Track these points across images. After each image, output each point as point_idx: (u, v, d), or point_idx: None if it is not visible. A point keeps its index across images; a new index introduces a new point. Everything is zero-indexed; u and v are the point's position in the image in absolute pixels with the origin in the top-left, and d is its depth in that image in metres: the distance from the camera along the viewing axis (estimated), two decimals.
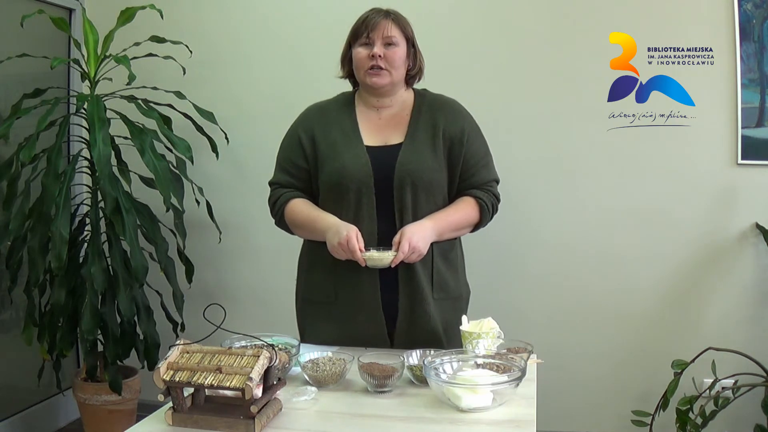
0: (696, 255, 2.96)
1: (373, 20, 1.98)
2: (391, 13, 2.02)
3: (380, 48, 1.96)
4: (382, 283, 1.96)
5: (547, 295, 3.09)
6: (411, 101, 2.07)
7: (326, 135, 2.02)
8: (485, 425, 1.47)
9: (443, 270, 2.03)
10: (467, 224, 2.05)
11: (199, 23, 3.29)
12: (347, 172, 1.95)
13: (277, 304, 3.28)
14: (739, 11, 2.80)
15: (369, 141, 2.01)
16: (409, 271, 1.96)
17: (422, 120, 2.02)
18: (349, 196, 1.95)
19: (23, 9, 2.85)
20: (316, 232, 1.98)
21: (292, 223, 2.05)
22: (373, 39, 1.96)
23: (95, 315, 2.79)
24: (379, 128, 2.04)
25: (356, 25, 2.02)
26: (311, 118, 2.08)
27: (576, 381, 3.06)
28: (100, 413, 3.00)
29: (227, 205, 3.27)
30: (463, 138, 2.02)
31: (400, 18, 2.03)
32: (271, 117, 3.27)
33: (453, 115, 2.05)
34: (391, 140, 2.01)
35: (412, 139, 2.00)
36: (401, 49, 1.99)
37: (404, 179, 1.95)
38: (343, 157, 1.97)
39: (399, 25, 2.00)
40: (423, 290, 1.97)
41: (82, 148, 3.10)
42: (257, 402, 1.41)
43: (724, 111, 2.87)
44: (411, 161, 1.96)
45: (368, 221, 1.94)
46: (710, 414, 2.63)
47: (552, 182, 3.04)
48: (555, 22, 2.99)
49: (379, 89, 2.01)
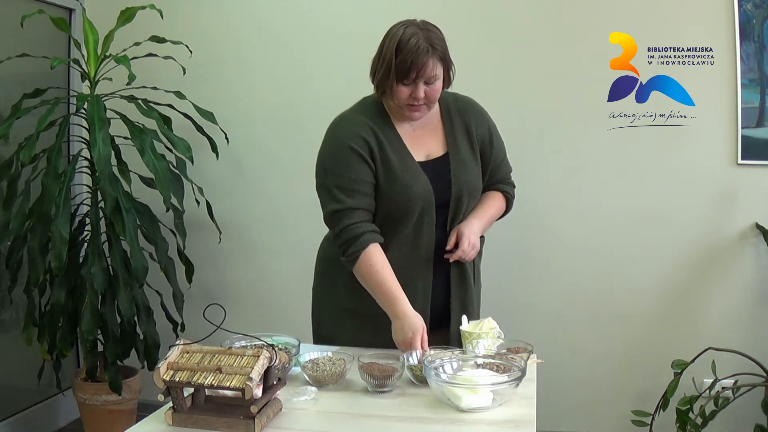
0: (696, 255, 2.96)
1: (418, 60, 1.81)
2: (434, 45, 1.84)
3: (422, 89, 1.86)
4: (434, 289, 1.99)
5: (547, 295, 3.09)
6: (437, 107, 2.03)
7: (379, 151, 1.92)
8: (485, 425, 1.47)
9: (478, 263, 2.13)
10: (499, 216, 2.14)
11: (199, 23, 3.29)
12: (413, 193, 1.91)
13: (277, 304, 3.30)
14: (739, 11, 2.80)
15: (415, 156, 1.96)
16: (462, 274, 2.03)
17: (456, 127, 2.02)
18: (413, 214, 1.93)
19: (23, 9, 2.85)
20: (384, 304, 1.87)
21: (362, 275, 1.89)
22: (417, 81, 1.85)
23: (95, 315, 2.79)
24: (418, 141, 1.99)
25: (400, 58, 1.81)
26: (359, 132, 1.91)
27: (576, 381, 3.06)
28: (100, 413, 3.00)
29: (227, 205, 3.27)
30: (492, 139, 2.06)
31: (441, 45, 1.87)
32: (271, 117, 3.29)
33: (480, 117, 2.07)
34: (434, 153, 1.99)
35: (456, 151, 1.99)
36: (440, 81, 1.89)
37: (461, 190, 1.97)
38: (404, 178, 1.92)
39: (440, 59, 1.86)
40: (471, 289, 2.05)
41: (82, 148, 3.10)
42: (257, 402, 1.41)
43: (724, 111, 2.87)
44: (463, 174, 1.98)
45: (427, 236, 1.96)
46: (710, 414, 2.63)
47: (552, 182, 3.04)
48: (555, 22, 2.99)
49: (417, 119, 1.97)
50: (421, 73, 1.83)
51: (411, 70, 1.82)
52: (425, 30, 1.86)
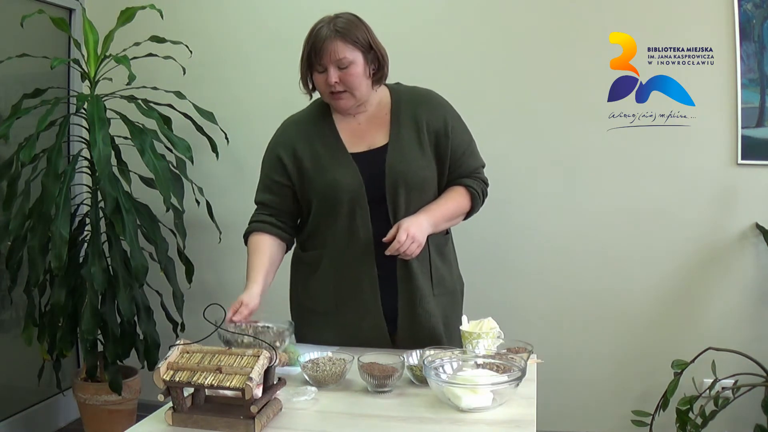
0: (696, 255, 2.96)
1: (320, 44, 1.86)
2: (338, 29, 1.86)
3: (334, 74, 1.87)
4: (382, 286, 1.95)
5: (547, 295, 3.09)
6: (387, 99, 2.02)
7: (309, 150, 1.97)
8: (485, 425, 1.47)
9: (440, 265, 2.03)
10: (460, 213, 2.04)
11: (199, 23, 3.29)
12: (339, 185, 1.92)
13: (277, 304, 3.29)
14: (739, 11, 2.80)
15: (353, 148, 1.96)
16: (407, 271, 1.95)
17: (403, 117, 1.98)
18: (342, 207, 1.92)
19: (23, 9, 2.85)
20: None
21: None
22: (325, 65, 1.87)
23: (95, 315, 2.79)
24: (360, 133, 1.99)
25: (306, 48, 1.90)
26: (290, 135, 2.02)
27: (576, 381, 3.06)
28: (100, 413, 3.00)
29: (227, 205, 3.26)
30: (447, 130, 1.98)
31: (348, 30, 1.87)
32: (271, 117, 3.24)
33: (433, 108, 2.01)
34: (376, 143, 1.97)
35: (397, 139, 1.96)
36: (357, 66, 1.88)
37: (396, 181, 1.92)
38: (331, 171, 1.93)
39: (348, 41, 1.86)
40: (422, 289, 1.97)
41: (82, 148, 3.10)
42: (257, 402, 1.41)
43: (724, 111, 2.87)
44: (400, 162, 1.93)
45: (363, 230, 1.93)
46: (710, 414, 2.63)
47: (552, 182, 3.04)
48: (555, 22, 2.99)
49: (348, 110, 1.98)
50: (327, 57, 1.86)
51: (317, 55, 1.87)
52: (335, 18, 1.91)
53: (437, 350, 1.73)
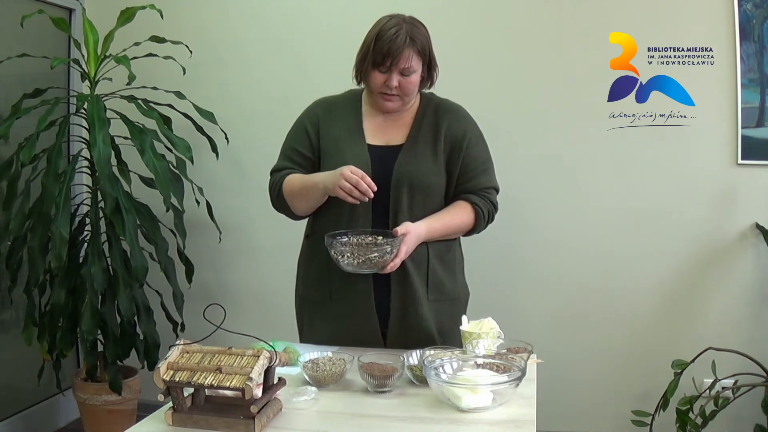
0: (696, 255, 2.96)
1: (396, 50, 1.88)
2: (413, 37, 1.91)
3: (396, 78, 1.92)
4: (375, 283, 1.96)
5: (547, 295, 3.09)
6: (417, 103, 2.06)
7: (330, 130, 2.02)
8: (485, 425, 1.47)
9: (439, 271, 2.02)
10: (460, 229, 2.03)
11: (199, 23, 3.29)
12: None
13: (277, 304, 3.28)
14: (739, 11, 2.80)
15: (372, 140, 2.01)
16: (402, 272, 1.95)
17: (425, 123, 2.02)
18: None
19: (23, 9, 2.85)
20: (315, 189, 1.93)
21: (290, 194, 2.00)
22: (392, 69, 1.91)
23: (95, 315, 2.79)
24: (382, 128, 2.03)
25: (378, 45, 1.90)
26: (318, 112, 2.07)
27: (576, 381, 3.06)
28: (100, 413, 3.00)
29: (227, 205, 3.27)
30: (464, 142, 2.01)
31: (420, 41, 1.92)
32: (271, 117, 3.28)
33: (456, 119, 2.04)
34: (394, 141, 2.01)
35: (413, 142, 2.00)
36: (417, 74, 1.94)
37: (401, 180, 1.95)
38: (344, 154, 1.97)
39: (419, 51, 1.92)
40: (416, 291, 1.97)
41: (82, 148, 3.10)
42: (257, 402, 1.41)
43: (724, 111, 2.87)
44: (410, 162, 1.96)
45: (363, 220, 1.95)
46: (710, 414, 2.63)
47: (552, 182, 3.04)
48: (555, 22, 2.99)
49: (392, 111, 2.01)
50: (396, 62, 1.89)
51: (387, 57, 1.89)
52: (410, 24, 1.93)
53: (437, 350, 1.73)
